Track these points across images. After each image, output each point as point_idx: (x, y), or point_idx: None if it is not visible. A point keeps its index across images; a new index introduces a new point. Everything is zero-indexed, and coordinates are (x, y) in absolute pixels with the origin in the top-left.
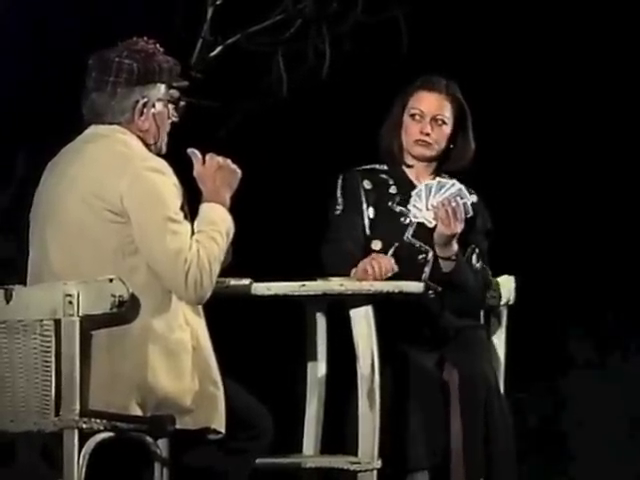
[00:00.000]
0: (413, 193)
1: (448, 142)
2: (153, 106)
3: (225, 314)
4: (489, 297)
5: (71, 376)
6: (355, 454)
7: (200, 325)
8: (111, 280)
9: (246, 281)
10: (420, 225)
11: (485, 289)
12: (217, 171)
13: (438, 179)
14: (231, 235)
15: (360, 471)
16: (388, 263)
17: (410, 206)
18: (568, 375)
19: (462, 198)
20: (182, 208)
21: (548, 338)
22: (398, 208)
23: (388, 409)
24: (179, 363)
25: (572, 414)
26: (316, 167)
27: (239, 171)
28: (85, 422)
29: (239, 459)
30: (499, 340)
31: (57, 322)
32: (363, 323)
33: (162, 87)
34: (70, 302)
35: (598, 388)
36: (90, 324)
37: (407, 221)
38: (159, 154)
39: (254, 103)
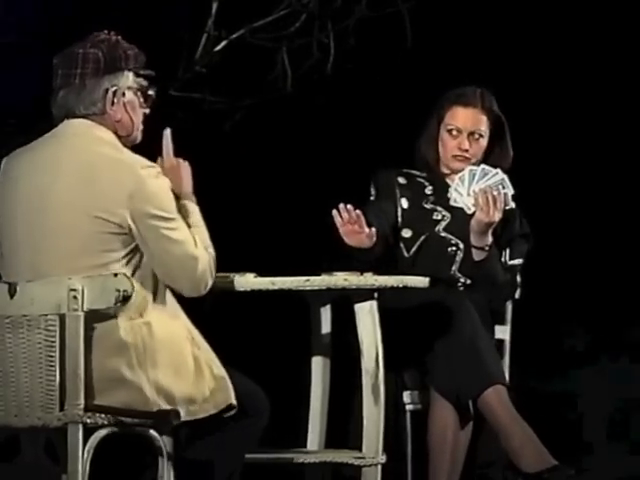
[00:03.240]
0: (456, 177)
1: (485, 152)
2: (123, 94)
3: (229, 309)
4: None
5: (75, 371)
6: (360, 449)
7: (182, 314)
8: (116, 275)
9: (250, 276)
10: (453, 219)
11: (513, 287)
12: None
13: (482, 166)
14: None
15: (365, 466)
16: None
17: (451, 190)
18: (573, 370)
19: (504, 188)
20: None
21: (552, 333)
22: (430, 206)
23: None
24: (184, 357)
25: (576, 408)
26: (321, 161)
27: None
28: (89, 417)
29: (236, 442)
30: (504, 335)
31: (61, 317)
32: (368, 318)
33: (130, 75)
34: (75, 297)
35: (601, 383)
36: (94, 319)
37: (439, 217)
38: (134, 145)
39: (259, 98)
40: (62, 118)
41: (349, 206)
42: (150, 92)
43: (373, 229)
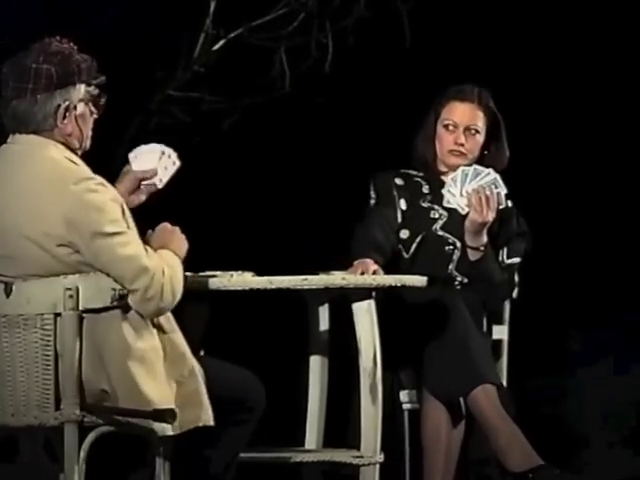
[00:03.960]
0: (449, 178)
1: (482, 150)
2: (75, 108)
3: (227, 307)
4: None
5: (71, 370)
6: (357, 448)
7: (169, 322)
8: None
9: (248, 275)
10: (450, 218)
11: (511, 286)
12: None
13: (475, 166)
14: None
15: (362, 465)
16: (371, 268)
17: (444, 191)
18: (571, 369)
19: (497, 187)
20: (124, 218)
21: (551, 332)
22: (427, 204)
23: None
24: (155, 370)
25: (575, 408)
26: (319, 161)
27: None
28: (85, 416)
29: (232, 437)
30: (502, 335)
31: (57, 316)
32: (365, 317)
33: (82, 87)
34: (70, 296)
35: (601, 383)
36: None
37: (436, 215)
38: (84, 153)
39: (257, 97)
40: (13, 131)
41: None
42: (101, 101)
43: (380, 271)
